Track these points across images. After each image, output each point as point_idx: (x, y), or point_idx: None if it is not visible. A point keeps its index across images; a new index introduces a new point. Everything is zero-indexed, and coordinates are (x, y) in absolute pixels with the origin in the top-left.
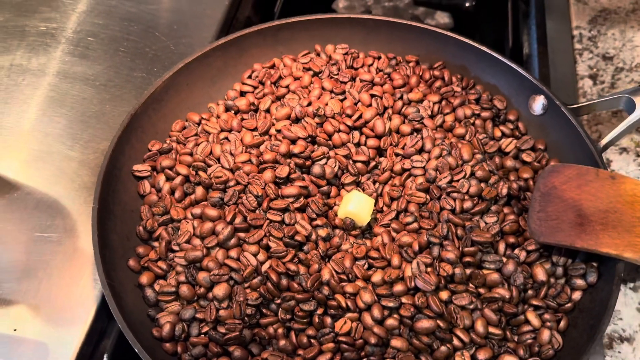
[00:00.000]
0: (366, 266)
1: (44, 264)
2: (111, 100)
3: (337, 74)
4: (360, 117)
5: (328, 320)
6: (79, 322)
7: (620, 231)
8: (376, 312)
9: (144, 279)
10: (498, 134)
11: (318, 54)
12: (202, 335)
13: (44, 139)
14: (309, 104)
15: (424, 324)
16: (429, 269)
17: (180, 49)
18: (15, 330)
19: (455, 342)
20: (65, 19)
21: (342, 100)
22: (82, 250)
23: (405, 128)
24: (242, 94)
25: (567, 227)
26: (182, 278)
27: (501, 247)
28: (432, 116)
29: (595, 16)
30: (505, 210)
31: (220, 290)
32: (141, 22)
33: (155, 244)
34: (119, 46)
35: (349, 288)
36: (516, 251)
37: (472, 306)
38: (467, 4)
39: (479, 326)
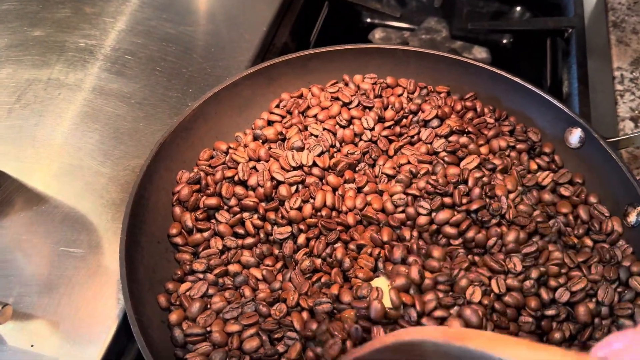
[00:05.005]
0: None
1: (66, 279)
2: (145, 118)
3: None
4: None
5: None
6: (98, 341)
7: None
8: None
9: (174, 317)
10: (534, 166)
11: (346, 84)
12: None
13: (76, 153)
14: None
15: None
16: None
17: (216, 71)
18: (32, 346)
19: None
20: (105, 37)
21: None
22: (106, 268)
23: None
24: (270, 123)
25: None
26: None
27: (544, 294)
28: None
29: (637, 58)
30: (551, 247)
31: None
32: (179, 43)
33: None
34: (155, 66)
35: None
36: (559, 291)
37: None
38: (504, 40)
39: None
